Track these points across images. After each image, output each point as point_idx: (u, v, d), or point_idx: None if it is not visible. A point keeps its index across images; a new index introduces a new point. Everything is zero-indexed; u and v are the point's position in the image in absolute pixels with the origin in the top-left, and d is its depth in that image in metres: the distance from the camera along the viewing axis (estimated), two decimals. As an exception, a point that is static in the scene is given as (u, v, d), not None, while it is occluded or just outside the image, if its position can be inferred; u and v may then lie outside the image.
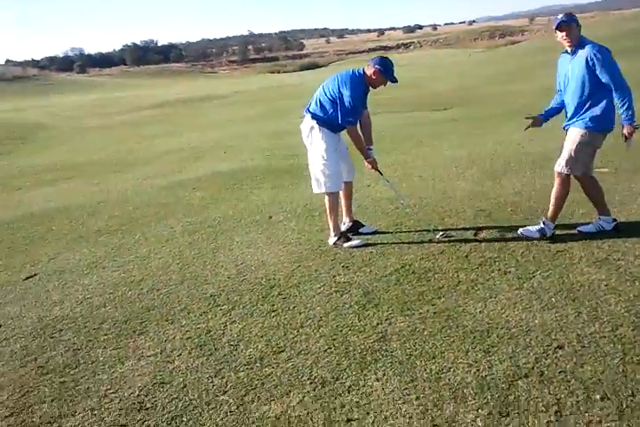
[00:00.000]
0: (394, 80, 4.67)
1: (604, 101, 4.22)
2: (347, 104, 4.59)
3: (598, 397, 2.56)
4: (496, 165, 7.20)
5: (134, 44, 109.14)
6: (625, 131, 4.20)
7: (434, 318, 3.43)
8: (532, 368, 2.83)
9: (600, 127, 4.28)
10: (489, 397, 2.64)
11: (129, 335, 3.64)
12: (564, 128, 4.60)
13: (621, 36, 26.84)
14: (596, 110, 4.25)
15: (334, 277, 4.21)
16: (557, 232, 4.62)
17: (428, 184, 6.62)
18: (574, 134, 4.39)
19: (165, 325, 3.74)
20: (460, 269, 4.12)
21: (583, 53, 4.20)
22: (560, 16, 4.33)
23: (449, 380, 2.81)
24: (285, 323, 3.57)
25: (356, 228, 5.13)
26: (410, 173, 7.24)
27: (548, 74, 21.62)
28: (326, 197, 4.83)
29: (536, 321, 3.28)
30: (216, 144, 12.17)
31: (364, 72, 4.66)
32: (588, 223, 4.63)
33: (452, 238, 4.71)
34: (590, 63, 4.15)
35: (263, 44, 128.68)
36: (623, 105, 4.14)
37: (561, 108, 4.68)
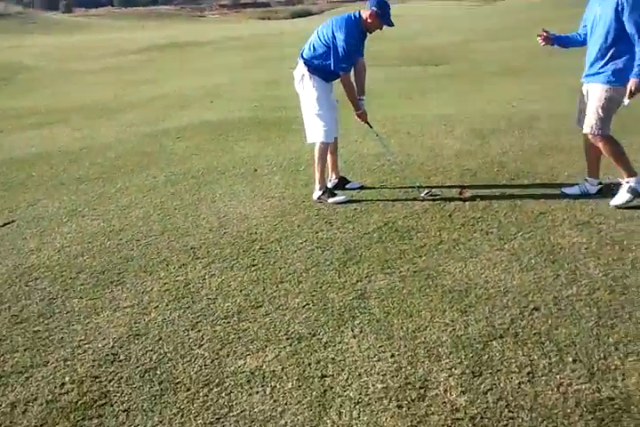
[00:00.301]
0: (390, 23, 4.49)
1: (629, 52, 3.89)
2: (340, 49, 4.41)
3: (570, 359, 2.59)
4: (485, 123, 7.11)
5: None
6: (629, 85, 3.90)
7: (413, 277, 3.43)
8: (508, 329, 2.85)
9: (623, 81, 3.94)
10: (463, 356, 2.67)
11: (106, 286, 3.61)
12: (583, 80, 4.31)
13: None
14: (619, 62, 3.95)
15: (317, 233, 4.18)
16: (541, 192, 4.62)
17: (417, 141, 6.54)
18: (598, 92, 4.09)
19: (143, 276, 3.71)
20: (442, 228, 4.10)
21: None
22: None
23: (425, 338, 2.83)
24: (265, 278, 3.55)
25: (342, 184, 5.07)
26: (398, 129, 7.14)
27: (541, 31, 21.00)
28: (316, 148, 4.74)
29: (514, 282, 3.29)
30: (203, 92, 11.88)
31: (359, 15, 4.48)
32: (573, 185, 4.55)
33: (437, 197, 4.68)
34: (619, 8, 3.81)
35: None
36: (638, 58, 3.82)
37: (575, 42, 4.42)
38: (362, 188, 5.06)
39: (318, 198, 4.75)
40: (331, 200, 4.69)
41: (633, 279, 3.22)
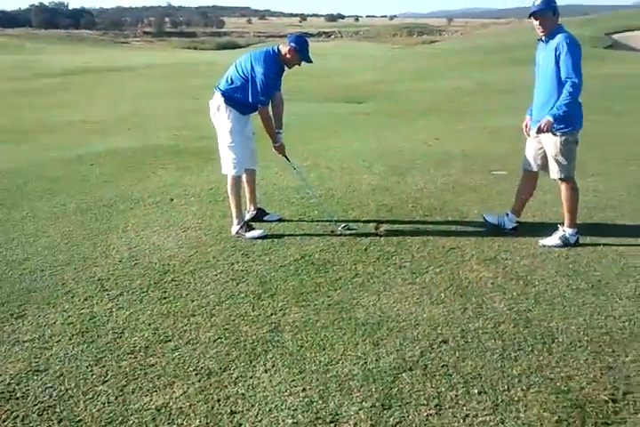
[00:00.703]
0: (308, 60, 4.58)
1: None
2: (259, 82, 4.45)
3: (476, 391, 2.66)
4: (402, 161, 7.34)
5: (42, 5, 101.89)
6: (542, 121, 4.04)
7: (328, 310, 3.44)
8: (417, 362, 2.90)
9: (570, 127, 4.12)
10: (373, 389, 2.68)
11: (5, 319, 3.38)
12: (532, 124, 4.40)
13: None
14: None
15: (232, 264, 4.13)
16: (452, 228, 4.80)
17: (336, 175, 6.65)
18: (551, 140, 4.21)
19: (46, 308, 3.51)
20: (358, 261, 4.16)
21: (553, 43, 4.04)
22: (537, 2, 4.07)
23: (337, 372, 2.82)
24: (176, 311, 3.45)
25: (260, 216, 5.06)
26: (318, 164, 7.24)
27: (459, 75, 22.48)
28: (228, 180, 4.72)
29: (425, 315, 3.37)
30: (121, 119, 11.62)
31: (278, 50, 4.55)
32: (551, 234, 4.46)
33: (354, 231, 4.76)
34: (557, 53, 3.99)
35: (181, 18, 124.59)
36: (562, 99, 3.96)
37: None
38: (280, 220, 5.07)
39: (236, 233, 4.69)
40: (248, 235, 4.64)
41: (535, 313, 3.38)
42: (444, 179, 6.41)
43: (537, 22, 4.12)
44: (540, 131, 4.08)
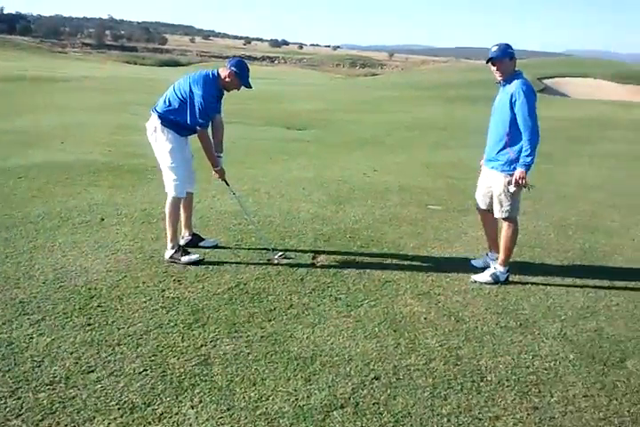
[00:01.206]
0: (248, 85, 4.56)
1: (521, 142, 4.14)
2: (197, 104, 4.38)
3: (406, 430, 2.65)
4: (341, 190, 7.40)
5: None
6: (515, 174, 4.16)
7: (261, 342, 3.36)
8: (349, 399, 2.87)
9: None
10: (304, 428, 2.62)
11: None
12: (483, 163, 4.55)
13: (471, 84, 29.52)
14: (513, 153, 4.19)
15: (163, 291, 3.99)
16: (388, 261, 4.84)
17: (275, 202, 6.61)
18: (498, 180, 4.33)
19: (-44, 332, 3.26)
20: (293, 292, 4.11)
21: (510, 89, 4.16)
22: (494, 49, 4.21)
23: (267, 409, 2.74)
24: (100, 339, 3.28)
25: (195, 241, 4.94)
26: (257, 189, 7.19)
27: (397, 109, 23.09)
28: (167, 202, 4.60)
29: (358, 350, 3.35)
30: (53, 131, 11.19)
31: (218, 74, 4.50)
32: (483, 269, 4.61)
33: (290, 260, 4.72)
34: (512, 99, 4.10)
35: (122, 32, 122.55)
36: (524, 149, 4.08)
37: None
38: (216, 246, 4.96)
39: (170, 257, 4.54)
40: (184, 259, 4.51)
41: (465, 351, 3.42)
42: (381, 210, 6.49)
43: (494, 68, 4.26)
44: (517, 184, 4.18)
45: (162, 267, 4.42)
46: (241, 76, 4.48)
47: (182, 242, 4.82)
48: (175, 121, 4.48)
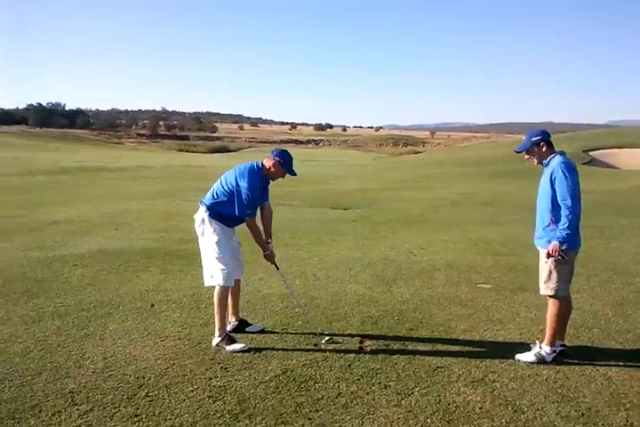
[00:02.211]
0: (293, 173, 4.71)
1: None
2: (244, 196, 4.54)
3: None
4: (388, 270, 7.35)
5: (40, 105, 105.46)
6: (549, 247, 4.16)
7: (308, 434, 3.25)
8: None
9: (566, 246, 4.18)
10: None
11: (-40, 436, 3.15)
12: (535, 243, 4.53)
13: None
14: (557, 230, 4.19)
15: (210, 379, 3.95)
16: (438, 345, 4.68)
17: (321, 284, 6.60)
18: (542, 256, 4.35)
19: (10, 424, 3.29)
20: (341, 379, 4.00)
21: (550, 168, 4.26)
22: (520, 144, 4.40)
23: None
24: (147, 432, 3.24)
25: (242, 326, 4.94)
26: (304, 271, 7.22)
27: (442, 186, 23.20)
28: (216, 291, 4.65)
29: (411, 443, 3.18)
30: (108, 219, 11.67)
31: (262, 165, 4.68)
32: (528, 350, 4.41)
33: (338, 345, 4.63)
34: (552, 178, 4.19)
35: (175, 122, 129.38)
36: (561, 223, 4.12)
37: None
38: (263, 331, 4.94)
39: (217, 345, 4.55)
40: (229, 348, 4.49)
41: (526, 443, 3.20)
42: (429, 291, 6.38)
43: (526, 157, 4.43)
44: (549, 256, 4.20)
45: (209, 354, 4.41)
46: (285, 164, 4.65)
47: (229, 327, 4.83)
48: (224, 212, 4.63)
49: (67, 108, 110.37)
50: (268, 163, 4.66)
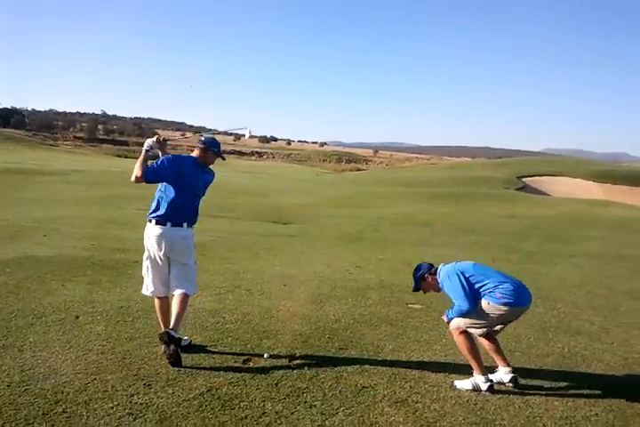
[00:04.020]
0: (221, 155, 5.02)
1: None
2: (156, 163, 4.72)
3: None
4: (322, 287, 7.38)
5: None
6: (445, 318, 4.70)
7: (229, 455, 3.20)
8: None
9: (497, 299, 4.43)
10: None
11: None
12: None
13: (454, 181, 30.47)
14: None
15: (132, 396, 3.84)
16: (366, 365, 4.72)
17: (254, 299, 6.56)
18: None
19: None
20: (267, 398, 3.98)
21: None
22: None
23: None
24: (60, 451, 3.11)
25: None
26: (239, 285, 7.15)
27: (382, 205, 23.50)
28: (185, 301, 4.71)
29: (332, 464, 3.19)
30: (37, 224, 11.24)
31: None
32: (465, 377, 4.46)
33: (267, 363, 4.61)
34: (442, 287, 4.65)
35: (115, 126, 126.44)
36: (454, 310, 4.56)
37: None
38: (190, 345, 4.85)
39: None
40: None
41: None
42: (361, 309, 6.44)
43: (425, 292, 5.02)
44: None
45: (133, 369, 4.29)
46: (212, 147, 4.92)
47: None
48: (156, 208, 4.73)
49: (0, 107, 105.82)
50: (196, 152, 4.88)
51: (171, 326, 4.50)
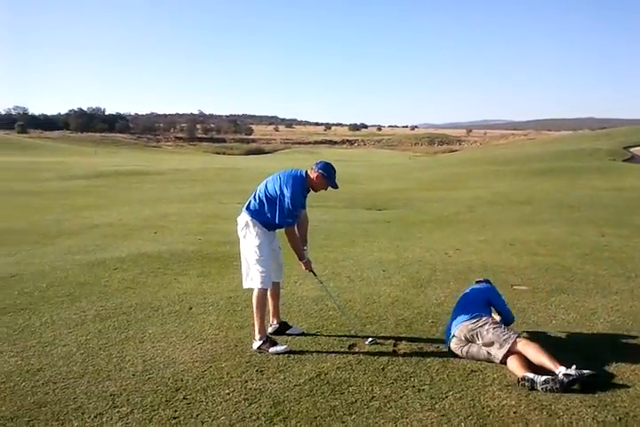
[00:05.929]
0: (335, 186, 4.76)
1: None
2: (286, 205, 4.60)
3: None
4: (422, 272, 7.33)
5: (80, 110, 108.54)
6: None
7: (342, 438, 3.29)
8: None
9: None
10: None
11: (10, 436, 3.29)
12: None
13: (552, 156, 29.06)
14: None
15: (246, 382, 4.03)
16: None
17: (355, 286, 6.64)
18: None
19: (54, 426, 3.42)
20: (375, 382, 4.03)
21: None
22: None
23: None
24: (185, 433, 3.33)
25: (282, 329, 5.01)
26: (339, 273, 7.26)
27: (478, 185, 22.86)
28: (254, 294, 4.74)
29: (445, 447, 3.19)
30: (147, 222, 11.94)
31: (306, 174, 4.72)
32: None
33: (372, 348, 4.66)
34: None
35: (212, 125, 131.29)
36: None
37: None
38: (303, 334, 5.00)
39: (258, 348, 4.60)
40: (272, 350, 4.55)
41: (560, 449, 3.18)
42: (464, 293, 6.33)
43: None
44: None
45: (245, 356, 4.49)
46: (328, 177, 4.70)
47: (270, 330, 4.93)
48: (265, 218, 4.71)
49: (106, 113, 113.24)
50: (313, 174, 4.71)
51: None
